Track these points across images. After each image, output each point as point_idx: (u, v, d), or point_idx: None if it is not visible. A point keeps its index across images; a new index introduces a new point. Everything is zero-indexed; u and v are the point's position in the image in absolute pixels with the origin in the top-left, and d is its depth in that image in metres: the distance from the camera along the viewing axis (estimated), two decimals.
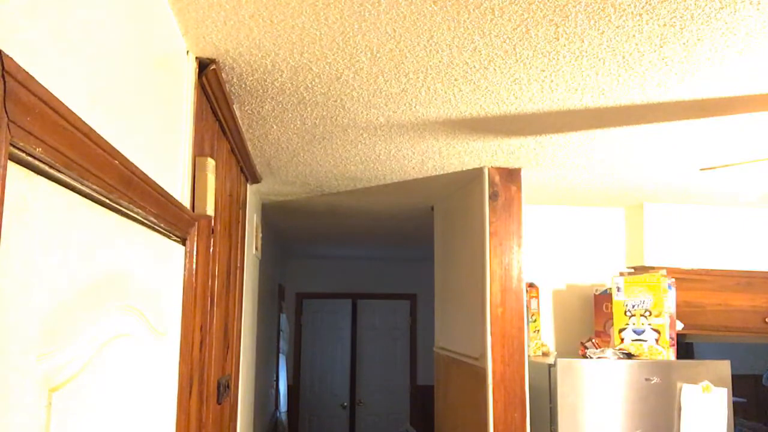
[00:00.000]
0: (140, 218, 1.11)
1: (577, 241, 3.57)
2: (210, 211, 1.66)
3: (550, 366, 2.71)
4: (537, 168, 2.70)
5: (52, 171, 0.75)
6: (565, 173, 2.79)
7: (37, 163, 0.71)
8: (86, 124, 0.82)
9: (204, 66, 1.59)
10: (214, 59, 1.60)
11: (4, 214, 0.62)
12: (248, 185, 2.81)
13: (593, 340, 2.93)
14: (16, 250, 0.67)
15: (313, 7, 1.32)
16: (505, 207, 2.72)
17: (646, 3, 1.30)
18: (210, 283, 1.84)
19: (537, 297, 3.25)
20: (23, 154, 0.67)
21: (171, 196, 1.27)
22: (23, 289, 0.69)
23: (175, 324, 1.42)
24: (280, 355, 5.94)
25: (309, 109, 1.98)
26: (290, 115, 2.05)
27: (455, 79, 1.72)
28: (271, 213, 3.96)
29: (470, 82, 1.74)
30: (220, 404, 2.03)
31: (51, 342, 0.77)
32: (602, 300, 3.22)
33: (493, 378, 2.61)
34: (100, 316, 0.94)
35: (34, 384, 0.73)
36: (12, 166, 0.66)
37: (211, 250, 1.83)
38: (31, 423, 0.72)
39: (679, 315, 3.07)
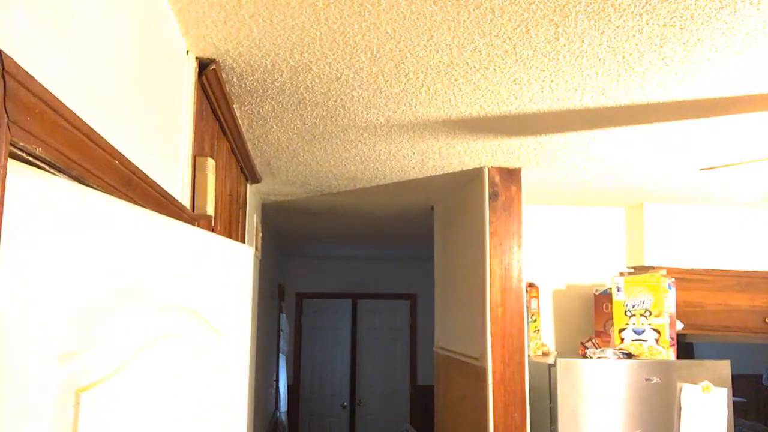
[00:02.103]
0: None
1: (577, 241, 3.57)
2: (210, 211, 1.66)
3: (550, 366, 2.71)
4: (537, 168, 2.70)
5: (52, 171, 0.75)
6: (565, 173, 2.79)
7: (37, 163, 0.71)
8: (86, 124, 0.82)
9: (204, 66, 1.59)
10: (214, 59, 1.60)
11: (4, 214, 0.62)
12: (248, 185, 2.81)
13: (593, 340, 2.93)
14: (15, 249, 0.67)
15: (313, 7, 1.32)
16: (505, 207, 2.72)
17: (646, 3, 1.30)
18: None
19: (537, 297, 3.25)
20: (23, 154, 0.67)
21: (171, 196, 1.27)
22: (29, 290, 0.69)
23: (241, 324, 1.41)
24: (280, 355, 5.93)
25: (309, 109, 1.98)
26: (290, 115, 2.05)
27: (455, 79, 1.72)
28: (271, 213, 3.96)
29: (470, 82, 1.74)
30: None
31: (76, 342, 0.75)
32: (602, 300, 3.22)
33: (493, 378, 2.61)
34: (137, 317, 0.91)
35: (56, 384, 0.71)
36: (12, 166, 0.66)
37: None
38: (55, 423, 0.72)
39: (679, 315, 3.07)
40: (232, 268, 1.34)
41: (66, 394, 0.74)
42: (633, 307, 2.93)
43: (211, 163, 1.65)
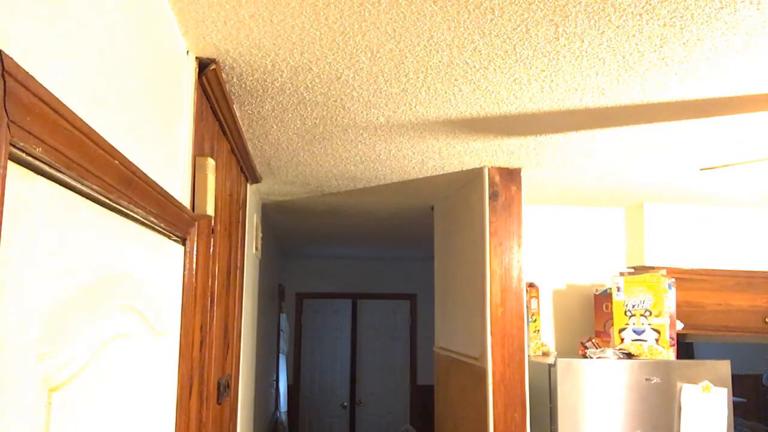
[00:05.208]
0: (140, 218, 1.11)
1: (577, 241, 3.57)
2: (210, 211, 1.66)
3: (550, 366, 2.71)
4: (537, 168, 2.70)
5: (52, 171, 0.75)
6: (565, 173, 2.79)
7: (37, 163, 0.71)
8: (86, 124, 0.82)
9: (204, 66, 1.59)
10: (214, 59, 1.60)
11: (4, 214, 0.62)
12: (248, 185, 2.81)
13: (593, 340, 2.93)
14: (15, 249, 0.67)
15: (313, 7, 1.32)
16: (505, 207, 2.72)
17: (646, 3, 1.30)
18: (210, 283, 1.84)
19: (537, 297, 3.25)
20: (23, 154, 0.67)
21: (171, 196, 1.27)
22: (23, 289, 0.69)
23: (175, 324, 1.42)
24: (280, 355, 5.93)
25: (309, 109, 1.98)
26: (290, 115, 2.05)
27: (455, 79, 1.72)
28: (271, 213, 3.96)
29: (470, 82, 1.74)
30: (220, 404, 2.03)
31: (51, 342, 0.77)
32: (602, 300, 3.21)
33: (493, 378, 2.61)
34: (100, 317, 0.94)
35: (33, 384, 0.73)
36: (12, 166, 0.66)
37: (211, 250, 1.83)
38: (31, 423, 0.72)
39: (679, 315, 3.07)
40: (168, 270, 1.36)
41: (40, 393, 0.75)
42: (633, 307, 2.93)
43: (211, 163, 1.65)
